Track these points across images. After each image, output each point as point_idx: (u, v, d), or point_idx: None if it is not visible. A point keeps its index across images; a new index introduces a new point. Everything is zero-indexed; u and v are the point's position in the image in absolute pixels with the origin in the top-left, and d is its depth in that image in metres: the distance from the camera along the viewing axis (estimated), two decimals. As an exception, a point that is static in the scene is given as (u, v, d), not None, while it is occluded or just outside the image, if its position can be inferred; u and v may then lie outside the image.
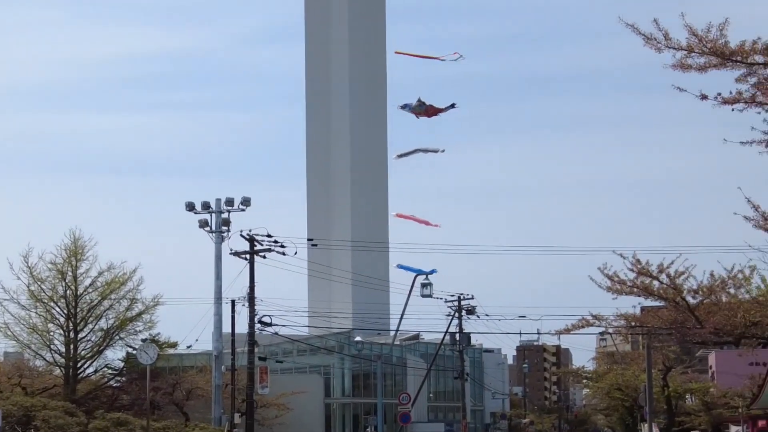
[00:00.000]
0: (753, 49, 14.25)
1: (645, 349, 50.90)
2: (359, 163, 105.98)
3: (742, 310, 19.99)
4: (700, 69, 14.32)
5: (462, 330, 61.86)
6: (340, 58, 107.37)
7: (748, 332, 20.91)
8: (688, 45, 14.11)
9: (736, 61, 14.25)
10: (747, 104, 14.45)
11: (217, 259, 48.37)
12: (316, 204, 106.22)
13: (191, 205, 48.19)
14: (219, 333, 48.86)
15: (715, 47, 14.11)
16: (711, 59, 14.22)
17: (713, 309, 20.99)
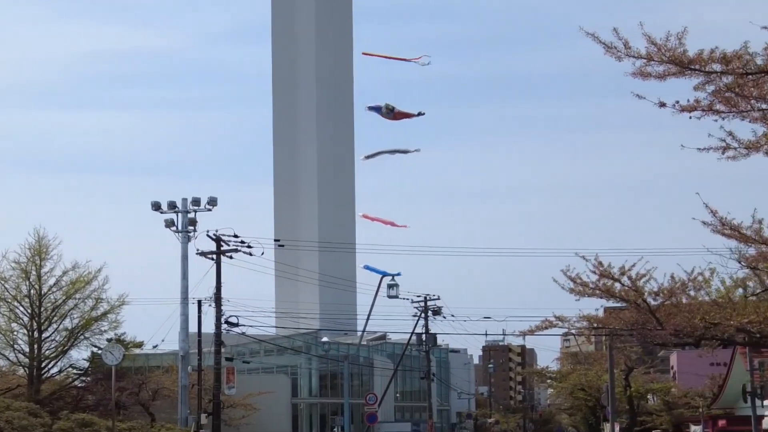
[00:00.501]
0: (711, 58, 14.55)
1: (607, 349, 51.45)
2: (326, 164, 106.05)
3: (702, 311, 20.37)
4: (660, 77, 14.61)
5: (428, 330, 62.17)
6: (307, 58, 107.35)
7: (708, 333, 21.30)
8: (648, 54, 14.40)
9: (694, 70, 14.55)
10: (705, 112, 14.75)
11: (184, 259, 48.34)
12: (283, 204, 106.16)
13: (157, 205, 48.10)
14: (185, 333, 48.83)
15: (673, 56, 14.40)
16: (670, 67, 14.51)
17: (674, 311, 21.37)
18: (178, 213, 47.91)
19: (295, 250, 79.79)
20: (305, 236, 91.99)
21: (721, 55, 14.63)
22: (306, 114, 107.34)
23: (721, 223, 17.40)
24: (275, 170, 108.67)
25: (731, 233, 17.56)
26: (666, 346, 37.84)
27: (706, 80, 14.78)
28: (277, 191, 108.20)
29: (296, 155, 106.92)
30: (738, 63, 14.64)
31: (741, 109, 15.06)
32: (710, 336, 21.54)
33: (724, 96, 14.93)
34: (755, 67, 14.61)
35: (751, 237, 17.61)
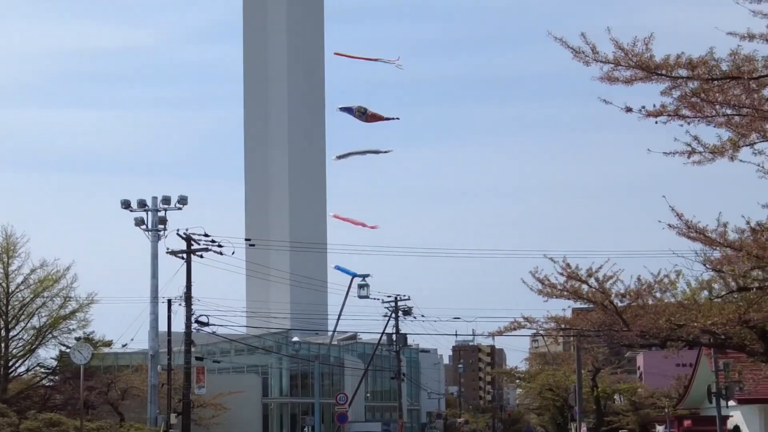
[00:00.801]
0: (677, 64, 14.70)
1: (575, 350, 51.82)
2: (297, 164, 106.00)
3: (668, 313, 20.59)
4: (627, 82, 14.74)
5: (399, 330, 62.32)
6: (279, 58, 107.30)
7: (674, 334, 21.53)
8: (615, 58, 14.53)
9: (660, 75, 14.69)
10: (671, 117, 14.90)
11: (154, 258, 48.21)
12: (254, 204, 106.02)
13: (127, 203, 47.94)
14: (155, 332, 48.70)
15: (640, 61, 14.54)
16: (637, 72, 14.64)
17: (640, 312, 21.58)
18: (148, 211, 47.77)
19: (266, 249, 79.71)
20: (276, 236, 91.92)
21: (687, 61, 14.79)
22: (277, 114, 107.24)
23: (686, 226, 17.60)
24: (246, 170, 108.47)
25: (697, 236, 17.77)
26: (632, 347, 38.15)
27: (673, 85, 14.93)
28: (248, 191, 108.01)
29: (268, 155, 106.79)
30: (703, 69, 14.81)
31: (706, 114, 15.23)
32: (676, 337, 21.77)
33: (689, 101, 15.09)
34: (720, 72, 14.79)
35: (716, 240, 17.82)
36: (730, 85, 14.98)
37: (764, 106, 15.09)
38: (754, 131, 15.33)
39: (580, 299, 22.62)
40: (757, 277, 18.62)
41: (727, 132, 15.46)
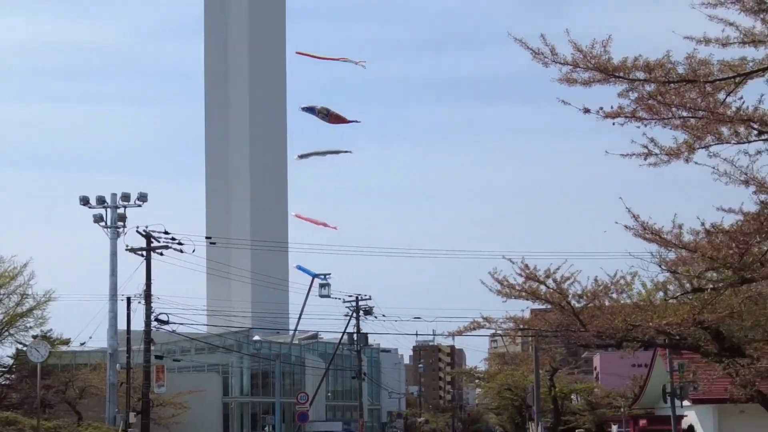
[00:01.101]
0: (635, 66, 14.84)
1: (533, 350, 52.17)
2: (259, 162, 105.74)
3: (624, 314, 20.77)
4: (585, 83, 14.85)
5: (359, 330, 62.42)
6: (240, 56, 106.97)
7: (629, 335, 21.73)
8: (574, 60, 14.63)
9: (618, 77, 14.83)
10: (628, 119, 15.03)
11: (113, 256, 47.93)
12: (216, 202, 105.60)
13: (86, 200, 47.61)
14: (114, 330, 48.41)
15: (598, 63, 14.65)
16: (595, 74, 14.75)
17: (597, 313, 21.75)
18: (107, 208, 47.47)
19: (226, 248, 79.45)
20: (237, 234, 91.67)
21: (644, 64, 14.93)
22: (238, 112, 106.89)
23: (642, 228, 17.75)
24: (207, 167, 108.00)
25: (652, 237, 17.93)
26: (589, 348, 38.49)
27: (630, 87, 15.06)
28: (209, 189, 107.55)
29: (229, 153, 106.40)
30: (660, 71, 14.96)
31: (663, 117, 15.39)
32: (631, 338, 21.98)
33: (646, 103, 15.24)
34: (677, 75, 14.95)
35: (671, 241, 17.99)
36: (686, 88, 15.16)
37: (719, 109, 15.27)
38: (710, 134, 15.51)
39: (538, 300, 22.76)
40: (711, 278, 18.82)
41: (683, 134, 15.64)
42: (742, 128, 15.46)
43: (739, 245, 16.99)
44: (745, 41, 14.85)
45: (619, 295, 22.06)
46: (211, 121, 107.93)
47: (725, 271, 18.04)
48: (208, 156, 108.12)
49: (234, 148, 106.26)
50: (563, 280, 22.43)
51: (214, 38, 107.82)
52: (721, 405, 36.66)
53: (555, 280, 22.33)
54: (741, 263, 17.21)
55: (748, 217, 16.62)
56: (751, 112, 15.16)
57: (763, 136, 15.50)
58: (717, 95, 15.26)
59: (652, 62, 14.81)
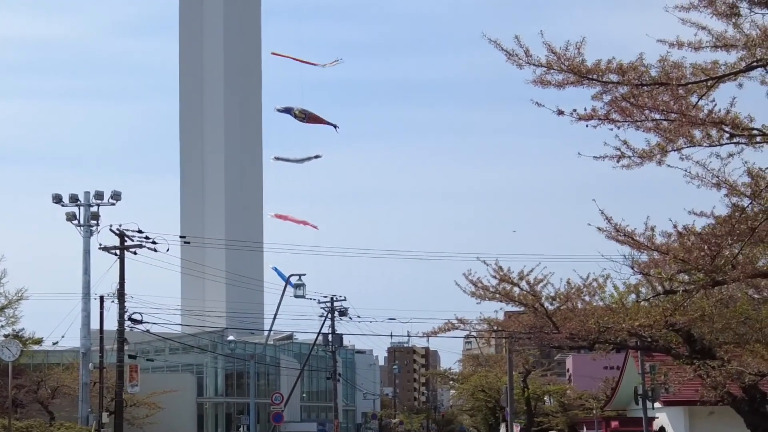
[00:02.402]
0: (608, 69, 14.90)
1: (507, 352, 52.30)
2: (234, 162, 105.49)
3: (596, 316, 20.85)
4: (559, 85, 14.88)
5: (334, 331, 62.36)
6: (215, 54, 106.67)
7: (602, 337, 21.83)
8: (548, 62, 14.67)
9: (592, 80, 14.87)
10: (601, 121, 15.09)
11: (86, 254, 47.64)
12: (190, 201, 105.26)
13: (58, 197, 47.29)
14: (87, 329, 48.14)
15: (572, 65, 14.70)
16: (569, 76, 14.79)
17: (569, 315, 21.84)
18: (80, 206, 47.18)
19: (201, 247, 79.20)
20: (212, 234, 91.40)
21: (617, 66, 15.00)
22: (213, 110, 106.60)
23: (615, 230, 17.83)
24: (182, 166, 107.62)
25: (625, 240, 18.01)
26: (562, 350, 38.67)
27: (603, 90, 15.12)
28: (183, 187, 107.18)
29: (203, 152, 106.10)
30: (634, 74, 15.03)
31: (636, 119, 15.48)
32: (603, 340, 22.09)
33: (620, 106, 15.31)
34: (650, 78, 15.03)
35: (643, 244, 18.08)
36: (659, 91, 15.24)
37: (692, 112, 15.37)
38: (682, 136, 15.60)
39: (512, 302, 22.84)
40: (682, 280, 18.94)
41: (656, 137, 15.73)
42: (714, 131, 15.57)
43: (710, 247, 17.10)
44: (717, 45, 14.95)
45: (591, 298, 22.17)
46: (185, 121, 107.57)
47: (697, 273, 18.15)
48: (183, 155, 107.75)
49: (209, 148, 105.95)
50: (536, 282, 22.52)
51: (188, 36, 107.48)
52: (691, 407, 36.89)
53: (528, 282, 22.40)
54: (712, 266, 17.32)
55: (720, 220, 16.73)
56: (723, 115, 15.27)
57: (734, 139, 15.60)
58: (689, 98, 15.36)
59: (626, 65, 14.88)
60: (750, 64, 15.18)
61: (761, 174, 15.94)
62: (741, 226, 16.36)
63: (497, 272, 22.48)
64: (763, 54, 15.09)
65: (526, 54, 14.66)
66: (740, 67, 15.17)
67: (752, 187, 15.99)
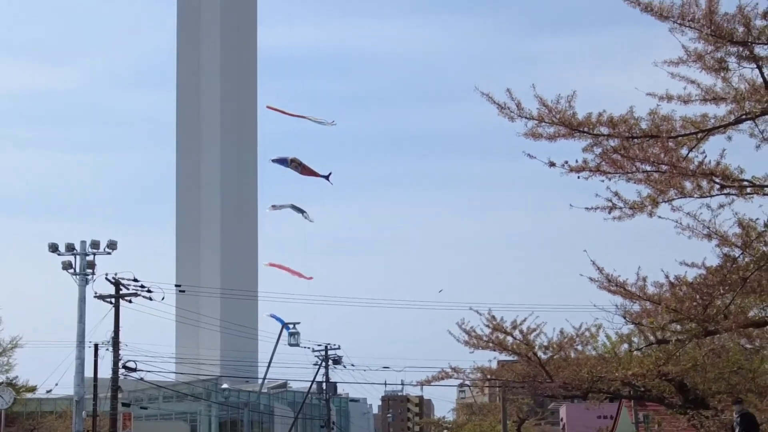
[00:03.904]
0: (599, 121, 15.09)
1: (501, 401, 52.15)
2: (229, 212, 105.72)
3: (589, 365, 20.92)
4: (550, 138, 15.06)
5: (329, 379, 62.13)
6: (212, 107, 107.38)
7: (595, 387, 21.88)
8: (539, 115, 14.87)
9: (583, 132, 15.07)
10: (592, 173, 15.26)
11: (81, 302, 47.54)
12: (186, 250, 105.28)
13: (54, 246, 47.30)
14: (81, 377, 47.89)
15: (563, 118, 14.89)
16: (560, 129, 14.98)
17: (562, 364, 21.91)
18: (76, 255, 47.20)
19: (196, 296, 79.13)
20: (207, 282, 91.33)
21: (608, 119, 15.20)
22: (209, 160, 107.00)
23: (607, 280, 17.94)
24: (178, 216, 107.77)
25: (617, 290, 18.11)
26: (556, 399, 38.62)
27: (594, 142, 15.31)
28: (179, 237, 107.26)
29: (199, 202, 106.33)
30: (624, 127, 15.24)
31: (627, 171, 15.65)
32: (597, 389, 22.13)
33: (610, 157, 15.49)
34: (640, 131, 15.23)
35: (635, 294, 18.18)
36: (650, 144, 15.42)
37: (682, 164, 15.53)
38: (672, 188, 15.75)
39: (505, 351, 22.92)
40: (675, 330, 19.01)
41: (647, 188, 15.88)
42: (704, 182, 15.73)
43: (702, 298, 17.19)
44: (707, 99, 15.18)
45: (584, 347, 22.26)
46: (182, 170, 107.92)
47: (689, 323, 18.22)
48: (179, 204, 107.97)
49: (205, 197, 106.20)
50: (529, 331, 22.62)
51: (186, 89, 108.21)
52: (687, 457, 36.80)
53: (521, 331, 22.50)
54: (704, 315, 17.39)
55: (711, 270, 16.84)
56: (713, 167, 15.42)
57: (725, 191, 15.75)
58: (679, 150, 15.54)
59: (616, 118, 15.09)
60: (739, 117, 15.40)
61: (752, 225, 16.08)
62: (732, 277, 16.45)
63: (490, 321, 22.59)
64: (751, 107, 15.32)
65: (518, 107, 14.88)
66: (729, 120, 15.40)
67: (743, 237, 16.11)
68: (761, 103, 15.13)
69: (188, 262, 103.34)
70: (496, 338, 22.42)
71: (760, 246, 16.18)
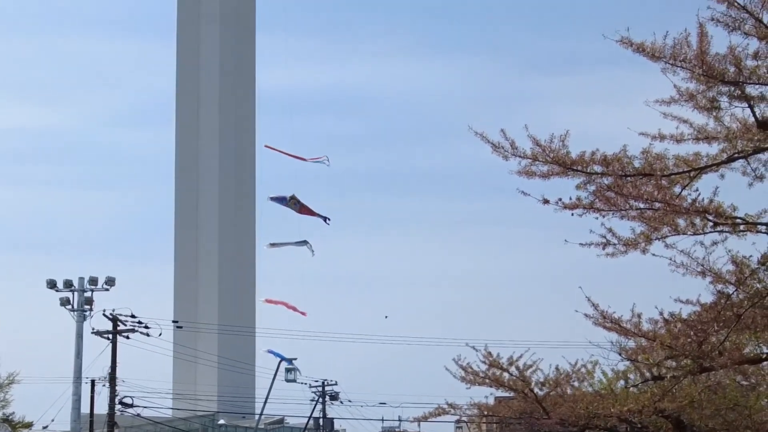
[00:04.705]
0: (592, 160, 15.23)
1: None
2: (228, 248, 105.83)
3: (585, 401, 20.95)
4: (544, 176, 15.20)
5: (326, 415, 62.02)
6: (210, 146, 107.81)
7: (592, 423, 21.91)
8: (533, 154, 15.03)
9: (576, 170, 15.22)
10: (586, 210, 15.40)
11: (78, 338, 47.57)
12: (184, 286, 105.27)
13: (53, 283, 47.47)
14: (77, 413, 47.80)
15: (557, 157, 15.04)
16: (554, 168, 15.14)
17: (559, 401, 21.95)
18: (74, 292, 47.31)
19: (194, 332, 79.05)
20: (205, 318, 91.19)
21: (601, 158, 15.36)
22: (208, 198, 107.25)
23: (602, 317, 18.01)
24: (176, 252, 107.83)
25: (612, 326, 18.18)
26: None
27: (588, 180, 15.45)
28: (177, 273, 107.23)
29: (198, 238, 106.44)
30: (617, 165, 15.38)
31: (620, 208, 15.78)
32: (594, 425, 22.15)
33: (604, 195, 15.63)
34: (633, 169, 15.38)
35: (630, 330, 18.25)
36: (643, 182, 15.55)
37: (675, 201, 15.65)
38: (666, 225, 15.87)
39: (502, 387, 22.95)
40: (670, 366, 19.07)
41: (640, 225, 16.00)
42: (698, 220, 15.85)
43: (697, 334, 17.24)
44: (699, 137, 15.36)
45: (580, 383, 22.29)
46: (180, 208, 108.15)
47: (684, 359, 18.27)
48: (177, 241, 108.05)
49: (203, 234, 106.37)
50: (526, 368, 22.66)
51: (185, 128, 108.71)
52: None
53: (518, 367, 22.55)
54: (700, 352, 17.44)
55: (706, 307, 16.92)
56: (707, 205, 15.55)
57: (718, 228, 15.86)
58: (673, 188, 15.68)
59: (609, 156, 15.25)
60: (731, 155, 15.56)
61: (745, 262, 16.17)
62: (727, 313, 16.51)
63: (487, 358, 22.63)
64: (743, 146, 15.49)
65: (512, 146, 15.04)
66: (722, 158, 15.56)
67: (737, 274, 16.20)
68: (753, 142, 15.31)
69: (186, 298, 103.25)
70: (492, 374, 22.47)
71: (754, 283, 16.27)
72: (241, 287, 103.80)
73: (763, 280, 16.23)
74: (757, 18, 14.09)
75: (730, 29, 14.23)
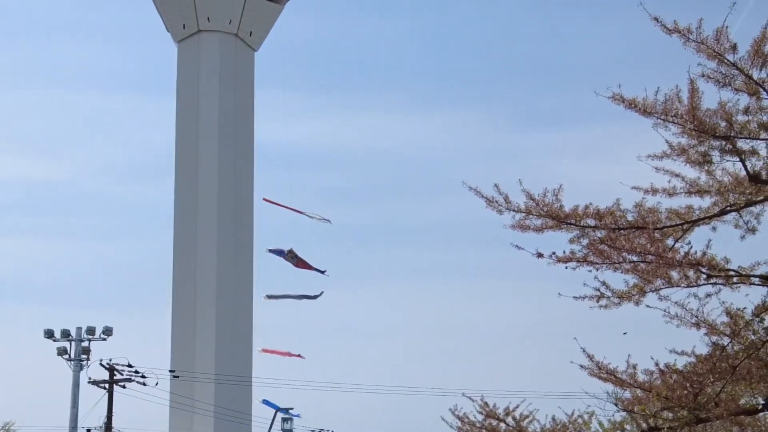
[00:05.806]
0: (585, 213, 15.39)
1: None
2: (225, 299, 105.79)
3: (582, 452, 20.98)
4: (538, 230, 15.36)
5: (323, 465, 61.61)
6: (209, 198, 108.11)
7: (589, 474, 21.91)
8: (527, 208, 15.19)
9: (570, 224, 15.36)
10: (579, 263, 15.53)
11: (75, 387, 47.50)
12: (181, 336, 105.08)
13: (50, 333, 47.56)
14: (73, 464, 47.58)
15: (551, 210, 15.20)
16: (547, 221, 15.29)
17: (556, 451, 21.93)
18: (72, 341, 47.32)
19: (190, 381, 78.81)
20: (202, 368, 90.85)
21: (594, 211, 15.52)
22: (206, 250, 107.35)
23: (597, 367, 18.06)
24: (173, 302, 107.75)
25: (607, 377, 18.21)
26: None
27: (581, 234, 15.60)
28: (174, 323, 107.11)
29: (195, 289, 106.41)
30: (610, 218, 15.54)
31: (613, 261, 15.91)
32: (591, 476, 22.13)
33: (597, 248, 15.76)
34: (626, 222, 15.53)
35: (626, 381, 18.27)
36: (636, 235, 15.70)
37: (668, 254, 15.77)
38: (659, 277, 15.96)
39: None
40: (666, 417, 19.08)
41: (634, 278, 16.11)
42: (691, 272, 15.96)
43: (693, 385, 17.28)
44: (691, 191, 15.54)
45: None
46: (178, 259, 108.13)
47: (680, 410, 18.29)
48: (175, 291, 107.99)
49: (200, 285, 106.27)
50: (522, 418, 22.62)
51: (184, 181, 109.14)
52: None
53: (514, 418, 22.50)
54: (695, 403, 17.47)
55: (701, 358, 16.97)
56: (700, 257, 15.67)
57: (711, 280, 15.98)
58: (666, 241, 15.82)
59: (602, 210, 15.41)
60: (723, 208, 15.72)
61: (740, 314, 16.25)
62: (722, 365, 16.57)
63: (483, 408, 22.58)
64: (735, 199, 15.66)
65: (506, 200, 15.20)
66: (714, 211, 15.72)
67: (731, 326, 16.26)
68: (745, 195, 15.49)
69: (183, 348, 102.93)
70: (489, 425, 22.41)
71: (749, 334, 16.34)
72: (238, 337, 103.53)
73: (758, 331, 16.29)
74: (747, 74, 14.33)
75: (721, 85, 14.47)
